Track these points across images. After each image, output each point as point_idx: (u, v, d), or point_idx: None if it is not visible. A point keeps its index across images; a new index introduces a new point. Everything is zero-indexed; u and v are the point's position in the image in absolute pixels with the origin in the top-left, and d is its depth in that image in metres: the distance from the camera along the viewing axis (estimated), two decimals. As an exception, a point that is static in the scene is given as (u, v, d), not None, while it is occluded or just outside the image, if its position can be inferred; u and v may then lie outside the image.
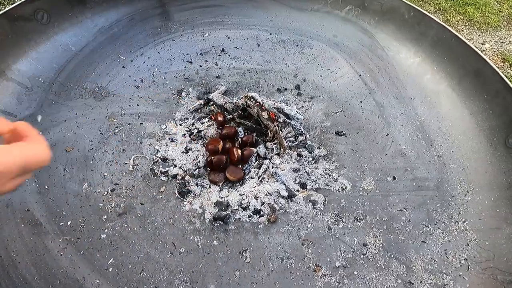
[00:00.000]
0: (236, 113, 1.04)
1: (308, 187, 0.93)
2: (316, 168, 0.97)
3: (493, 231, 0.86)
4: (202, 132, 1.02)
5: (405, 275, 0.80)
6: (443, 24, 1.12)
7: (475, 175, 0.96)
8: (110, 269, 0.78)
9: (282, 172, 0.93)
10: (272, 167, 0.94)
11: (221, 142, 0.95)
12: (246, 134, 1.02)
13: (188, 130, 1.03)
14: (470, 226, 0.87)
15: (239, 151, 0.94)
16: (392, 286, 0.79)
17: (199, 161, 0.95)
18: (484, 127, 1.01)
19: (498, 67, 1.81)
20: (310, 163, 0.98)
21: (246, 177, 0.94)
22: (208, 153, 0.96)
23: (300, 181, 0.93)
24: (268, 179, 0.93)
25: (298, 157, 0.98)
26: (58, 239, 0.81)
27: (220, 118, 1.01)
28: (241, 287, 0.77)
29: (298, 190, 0.92)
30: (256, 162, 0.96)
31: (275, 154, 0.98)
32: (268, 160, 0.95)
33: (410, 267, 0.81)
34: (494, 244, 0.84)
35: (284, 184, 0.91)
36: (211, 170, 0.93)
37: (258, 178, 0.93)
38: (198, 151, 0.97)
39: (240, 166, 0.94)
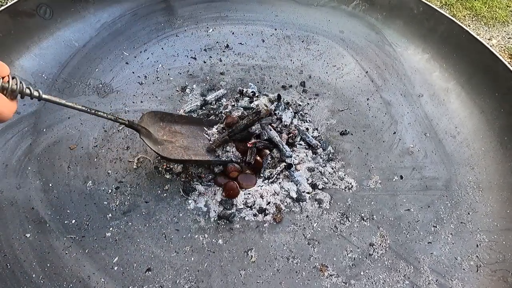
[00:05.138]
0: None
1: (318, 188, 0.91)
2: (324, 166, 0.95)
3: (503, 232, 0.84)
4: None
5: (413, 276, 0.79)
6: (454, 19, 1.09)
7: (485, 175, 0.94)
8: (115, 268, 0.77)
9: (297, 173, 0.91)
10: (287, 168, 0.92)
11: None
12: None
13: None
14: (479, 227, 0.86)
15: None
16: (400, 287, 0.78)
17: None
18: (495, 126, 0.99)
19: (507, 64, 1.78)
20: (324, 161, 0.96)
21: (260, 174, 0.92)
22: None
23: (312, 181, 0.92)
24: (282, 179, 0.91)
25: (314, 155, 0.96)
26: (63, 238, 0.80)
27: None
28: (247, 286, 0.76)
29: (308, 192, 0.90)
30: (272, 161, 0.94)
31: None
32: (284, 163, 0.93)
33: (418, 268, 0.80)
34: (505, 245, 0.82)
35: (296, 186, 0.89)
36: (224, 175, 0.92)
37: (272, 178, 0.91)
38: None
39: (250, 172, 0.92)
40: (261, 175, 0.92)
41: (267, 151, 0.93)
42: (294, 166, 0.92)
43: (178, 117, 0.93)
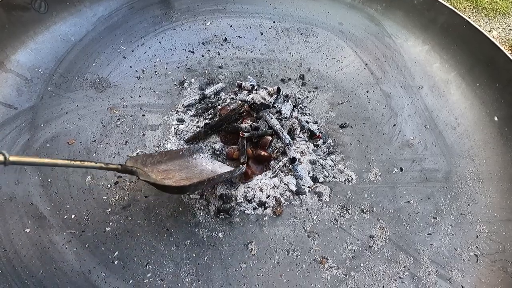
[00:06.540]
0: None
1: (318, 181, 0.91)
2: (325, 159, 0.95)
3: (503, 222, 0.84)
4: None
5: (413, 267, 0.79)
6: (454, 9, 1.08)
7: (485, 166, 0.94)
8: (116, 262, 0.77)
9: (300, 166, 0.91)
10: (292, 162, 0.92)
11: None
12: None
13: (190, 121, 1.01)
14: (479, 218, 0.86)
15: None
16: (400, 278, 0.78)
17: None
18: (495, 117, 0.99)
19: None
20: (324, 154, 0.95)
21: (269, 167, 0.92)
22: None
23: (313, 174, 0.92)
24: (284, 173, 0.91)
25: (315, 148, 0.95)
26: (63, 233, 0.80)
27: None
28: (247, 279, 0.77)
29: (309, 186, 0.90)
30: (275, 151, 0.93)
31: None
32: (287, 158, 0.92)
33: (417, 259, 0.80)
34: (504, 236, 0.82)
35: (297, 180, 0.89)
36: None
37: (274, 172, 0.90)
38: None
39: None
40: (270, 168, 0.92)
41: (269, 138, 0.92)
42: (298, 160, 0.92)
43: (159, 156, 0.82)
